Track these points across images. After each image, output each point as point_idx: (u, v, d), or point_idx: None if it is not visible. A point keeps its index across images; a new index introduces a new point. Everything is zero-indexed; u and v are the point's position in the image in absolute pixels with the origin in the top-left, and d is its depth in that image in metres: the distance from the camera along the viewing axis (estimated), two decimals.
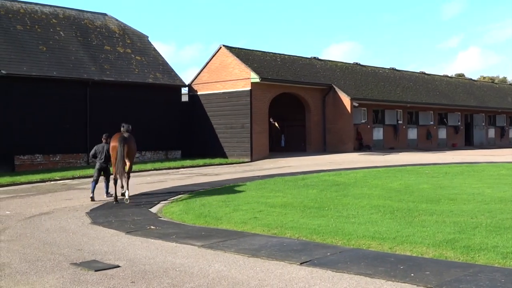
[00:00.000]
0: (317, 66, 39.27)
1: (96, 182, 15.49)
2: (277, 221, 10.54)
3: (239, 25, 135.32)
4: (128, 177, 14.91)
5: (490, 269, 6.84)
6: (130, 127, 15.86)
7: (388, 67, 46.74)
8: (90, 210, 13.22)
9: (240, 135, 32.64)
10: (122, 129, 15.68)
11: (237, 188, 16.31)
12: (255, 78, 32.10)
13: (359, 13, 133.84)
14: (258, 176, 20.60)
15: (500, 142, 51.78)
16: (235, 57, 33.46)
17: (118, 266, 7.65)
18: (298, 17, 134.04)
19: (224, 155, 33.17)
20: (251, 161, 30.93)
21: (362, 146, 37.77)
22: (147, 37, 36.13)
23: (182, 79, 35.03)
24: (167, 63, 35.19)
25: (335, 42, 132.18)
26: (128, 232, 10.18)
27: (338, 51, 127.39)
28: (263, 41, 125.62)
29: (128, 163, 14.79)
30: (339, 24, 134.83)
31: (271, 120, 34.54)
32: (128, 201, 14.14)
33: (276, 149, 37.34)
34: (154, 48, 35.87)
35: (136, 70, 32.74)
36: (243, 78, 32.81)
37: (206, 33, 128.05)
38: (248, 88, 32.42)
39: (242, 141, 32.41)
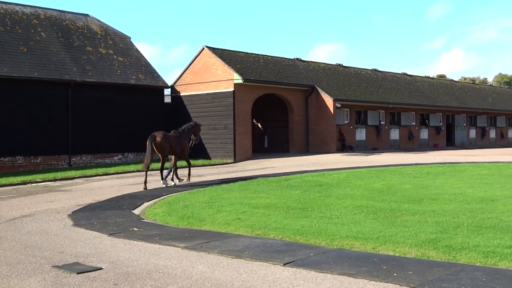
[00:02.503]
0: (300, 67, 39.37)
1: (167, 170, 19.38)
2: (261, 222, 10.54)
3: (226, 26, 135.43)
4: (162, 169, 18.70)
5: (471, 268, 6.89)
6: (186, 127, 19.68)
7: (371, 68, 47.00)
8: (72, 212, 13.12)
9: (223, 136, 32.60)
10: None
11: (220, 189, 16.28)
12: (238, 79, 32.10)
13: (344, 15, 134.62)
14: (242, 177, 20.59)
15: (481, 142, 52.33)
16: (218, 58, 33.43)
17: (101, 268, 7.60)
18: (285, 19, 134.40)
19: (207, 156, 33.10)
20: (234, 162, 30.90)
21: (345, 146, 37.93)
22: (130, 38, 35.95)
23: (166, 81, 34.98)
24: (149, 64, 35.05)
25: (320, 43, 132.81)
26: (110, 234, 10.11)
27: (323, 52, 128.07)
28: (250, 43, 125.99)
29: (160, 157, 18.71)
30: (324, 25, 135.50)
31: (254, 121, 34.55)
32: (166, 185, 18.14)
33: (260, 150, 37.36)
34: (137, 49, 35.71)
35: (119, 71, 32.57)
36: (226, 79, 32.79)
37: (192, 35, 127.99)
38: (231, 89, 32.40)
39: (225, 142, 32.38)
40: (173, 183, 18.75)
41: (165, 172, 19.13)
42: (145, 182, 17.90)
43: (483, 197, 13.03)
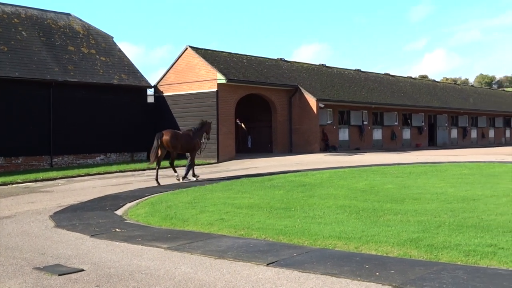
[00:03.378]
0: (284, 67, 39.43)
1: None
2: (244, 222, 10.53)
3: (211, 27, 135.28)
4: (171, 165, 20.32)
5: (453, 267, 6.95)
6: (195, 126, 20.87)
7: (354, 69, 47.23)
8: (54, 213, 13.00)
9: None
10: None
11: (203, 190, 16.23)
12: (221, 79, 32.07)
13: (329, 15, 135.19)
14: (225, 177, 20.57)
15: (463, 142, 52.82)
16: (202, 58, 33.37)
17: (83, 270, 7.54)
18: (270, 19, 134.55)
19: None
20: (217, 162, 30.86)
21: (328, 146, 38.06)
22: (112, 37, 35.75)
23: (149, 80, 34.91)
24: (132, 64, 34.89)
25: (305, 43, 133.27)
26: (92, 235, 10.04)
27: (307, 52, 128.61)
28: (234, 43, 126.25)
29: (160, 153, 19.32)
30: (308, 26, 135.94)
31: (238, 121, 34.51)
32: (179, 180, 19.40)
33: (243, 150, 37.36)
34: (119, 48, 35.51)
35: (101, 71, 32.37)
36: (209, 79, 32.74)
37: (176, 35, 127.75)
38: (215, 89, 32.36)
39: (208, 142, 32.17)
40: (194, 179, 19.78)
41: (183, 170, 20.69)
42: (157, 179, 18.96)
43: (465, 196, 13.14)
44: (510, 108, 60.29)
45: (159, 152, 19.34)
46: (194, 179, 19.86)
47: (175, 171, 20.22)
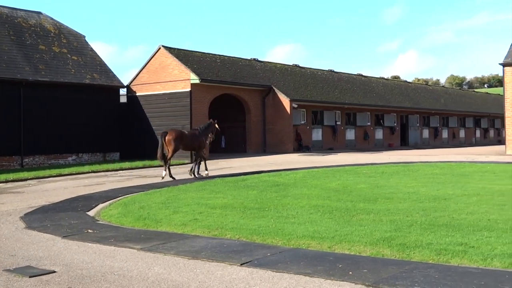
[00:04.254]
0: (257, 68, 39.46)
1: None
2: (218, 223, 10.51)
3: (186, 27, 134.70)
4: (168, 161, 20.51)
5: (424, 266, 7.03)
6: (201, 126, 22.01)
7: (327, 69, 47.48)
8: (25, 214, 12.81)
9: None
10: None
11: (176, 190, 16.16)
12: (195, 79, 31.97)
13: (304, 16, 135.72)
14: (199, 177, 20.50)
15: (434, 142, 53.50)
16: (175, 58, 33.23)
17: (54, 272, 7.44)
18: (245, 20, 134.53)
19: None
20: (191, 163, 30.69)
21: (301, 146, 38.20)
22: (84, 36, 35.36)
23: (123, 80, 34.59)
24: (105, 64, 34.56)
25: (279, 44, 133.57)
26: (64, 236, 9.91)
27: (282, 52, 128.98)
28: (209, 43, 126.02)
29: (168, 151, 20.39)
30: (283, 26, 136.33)
31: (212, 121, 34.38)
32: (164, 178, 19.66)
33: (217, 150, 37.26)
34: (92, 48, 35.15)
35: (73, 70, 32.01)
36: (183, 79, 32.61)
37: (150, 35, 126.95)
38: (188, 89, 32.25)
39: None
40: (204, 174, 20.74)
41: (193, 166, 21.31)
42: (170, 175, 19.92)
43: (436, 196, 13.31)
44: (480, 108, 61.26)
45: (165, 150, 20.37)
46: (204, 174, 20.74)
47: (166, 170, 20.39)
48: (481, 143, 59.52)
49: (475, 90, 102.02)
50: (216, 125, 22.36)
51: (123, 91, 35.83)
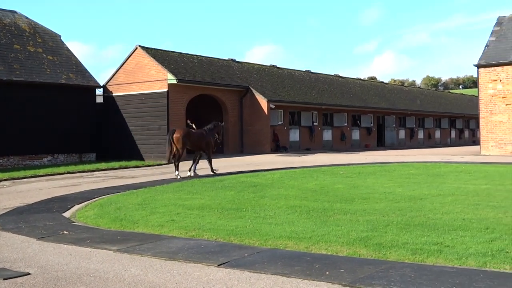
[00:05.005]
0: (235, 68, 39.46)
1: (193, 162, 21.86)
2: (195, 223, 10.48)
3: (164, 27, 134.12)
4: (178, 160, 20.96)
5: (400, 265, 7.09)
6: (207, 127, 22.14)
7: (304, 70, 47.65)
8: None
9: (157, 137, 32.26)
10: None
11: (154, 191, 16.08)
12: (172, 79, 31.86)
13: (282, 17, 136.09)
14: (176, 178, 20.41)
15: (410, 142, 54.01)
16: (152, 58, 33.06)
17: (29, 274, 7.35)
18: (223, 20, 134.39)
19: (140, 158, 32.67)
20: (168, 163, 30.54)
21: (278, 147, 38.28)
22: (60, 36, 34.99)
23: (99, 80, 34.33)
24: (81, 63, 34.24)
25: (257, 44, 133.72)
26: (39, 238, 9.79)
27: (260, 53, 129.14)
28: (187, 44, 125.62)
29: (175, 149, 20.77)
30: (262, 27, 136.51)
31: (189, 121, 34.24)
32: (179, 177, 19.99)
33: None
34: (67, 47, 34.80)
35: (48, 70, 31.65)
36: (159, 80, 32.46)
37: (128, 35, 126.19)
38: (165, 89, 32.13)
39: (159, 143, 32.02)
40: (214, 172, 21.38)
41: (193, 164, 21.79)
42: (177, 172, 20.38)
43: (412, 196, 13.43)
44: (455, 109, 62.01)
45: (173, 148, 20.81)
46: (214, 172, 21.29)
47: (177, 169, 20.68)
48: (456, 143, 60.26)
49: (451, 91, 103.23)
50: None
51: (99, 91, 35.55)
